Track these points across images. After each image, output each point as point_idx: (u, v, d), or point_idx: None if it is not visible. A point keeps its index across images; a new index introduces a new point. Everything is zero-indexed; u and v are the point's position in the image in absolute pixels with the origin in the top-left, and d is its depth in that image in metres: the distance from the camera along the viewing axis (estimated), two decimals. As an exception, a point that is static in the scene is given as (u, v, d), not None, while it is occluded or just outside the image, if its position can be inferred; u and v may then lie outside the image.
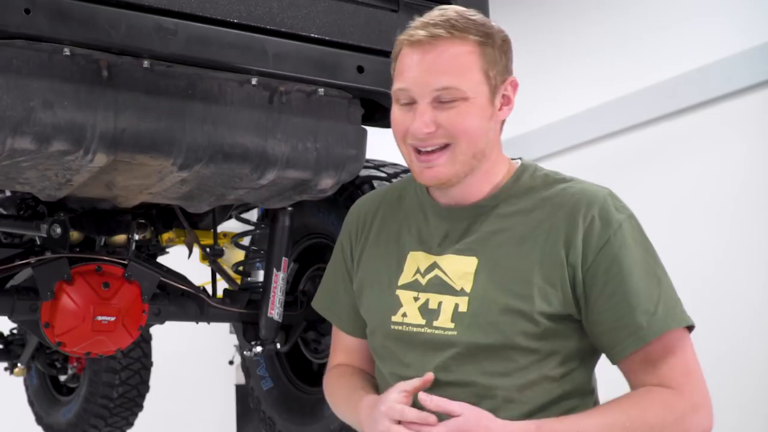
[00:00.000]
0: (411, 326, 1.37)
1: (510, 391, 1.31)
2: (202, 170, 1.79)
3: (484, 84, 1.32)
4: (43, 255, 2.07)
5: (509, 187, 1.40)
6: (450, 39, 1.30)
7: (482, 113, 1.33)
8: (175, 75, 1.71)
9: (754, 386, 3.40)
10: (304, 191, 1.99)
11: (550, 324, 1.31)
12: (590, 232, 1.31)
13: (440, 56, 1.30)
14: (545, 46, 4.51)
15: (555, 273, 1.31)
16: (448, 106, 1.30)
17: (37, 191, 1.87)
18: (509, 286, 1.32)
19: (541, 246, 1.33)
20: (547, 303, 1.31)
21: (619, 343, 1.31)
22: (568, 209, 1.33)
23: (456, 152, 1.32)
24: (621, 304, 1.29)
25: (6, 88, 1.55)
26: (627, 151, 4.06)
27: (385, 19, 1.88)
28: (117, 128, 1.65)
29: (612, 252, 1.30)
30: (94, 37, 1.60)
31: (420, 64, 1.31)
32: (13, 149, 1.60)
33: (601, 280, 1.30)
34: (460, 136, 1.31)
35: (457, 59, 1.30)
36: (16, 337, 3.23)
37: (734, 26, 3.63)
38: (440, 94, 1.30)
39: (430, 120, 1.30)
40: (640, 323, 1.29)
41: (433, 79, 1.30)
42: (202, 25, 1.70)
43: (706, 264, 3.63)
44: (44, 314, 2.06)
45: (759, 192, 3.47)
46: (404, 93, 1.34)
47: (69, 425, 3.40)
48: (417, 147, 1.34)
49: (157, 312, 2.22)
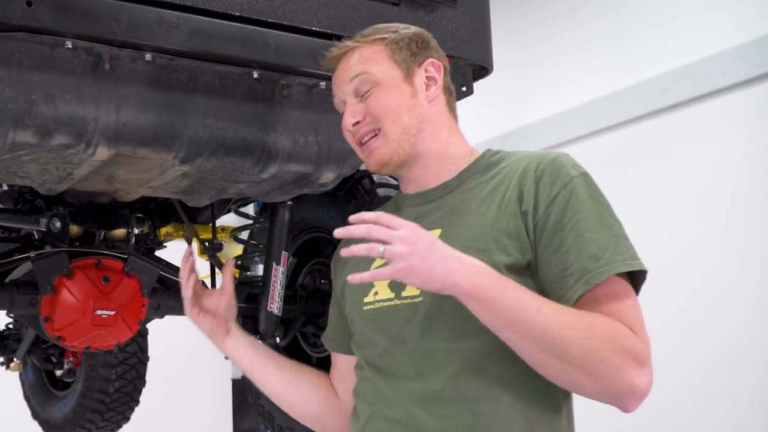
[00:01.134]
0: (382, 302, 1.43)
1: (478, 350, 1.33)
2: (203, 164, 1.79)
3: (394, 69, 1.47)
4: (42, 249, 2.06)
5: (472, 166, 1.49)
6: (358, 46, 1.50)
7: (399, 92, 1.46)
8: (176, 68, 1.70)
9: (752, 383, 3.42)
10: (305, 185, 1.98)
11: (511, 275, 1.30)
12: (542, 183, 1.35)
13: (350, 58, 1.50)
14: (540, 40, 4.52)
15: (510, 224, 1.35)
16: (367, 96, 1.46)
17: (38, 185, 1.86)
18: (467, 242, 1.34)
19: (498, 203, 1.38)
20: (505, 253, 1.33)
21: (568, 289, 1.30)
22: (524, 167, 1.40)
23: (386, 132, 1.45)
24: (570, 252, 1.30)
25: (8, 81, 1.53)
26: (622, 146, 4.07)
27: (386, 12, 1.88)
28: (119, 122, 1.64)
29: (563, 203, 1.33)
30: (96, 29, 1.59)
31: (338, 71, 1.52)
32: (14, 143, 1.59)
33: (551, 229, 1.32)
34: (382, 116, 1.45)
35: (363, 55, 1.49)
36: (12, 332, 3.22)
37: (729, 20, 3.64)
38: (356, 84, 1.47)
39: (357, 111, 1.47)
40: (587, 267, 1.29)
41: (346, 74, 1.49)
42: (204, 18, 1.68)
43: (701, 258, 3.65)
44: (44, 308, 2.06)
45: (755, 186, 3.48)
46: (337, 100, 1.54)
47: (65, 420, 3.39)
48: (357, 140, 1.49)
49: (156, 306, 2.22)
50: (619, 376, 1.24)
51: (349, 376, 1.57)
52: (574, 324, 1.24)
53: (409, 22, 1.89)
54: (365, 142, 1.48)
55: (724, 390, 3.46)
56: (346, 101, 1.50)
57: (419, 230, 1.27)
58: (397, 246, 1.24)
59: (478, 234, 1.36)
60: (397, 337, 1.39)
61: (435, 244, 1.26)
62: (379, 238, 1.26)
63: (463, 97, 1.98)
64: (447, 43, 1.95)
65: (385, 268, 1.26)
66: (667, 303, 3.72)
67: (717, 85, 3.59)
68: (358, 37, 1.52)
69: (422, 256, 1.24)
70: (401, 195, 1.58)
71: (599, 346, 1.23)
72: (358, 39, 1.51)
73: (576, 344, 1.23)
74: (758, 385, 3.39)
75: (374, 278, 1.31)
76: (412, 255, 1.24)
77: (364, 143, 1.49)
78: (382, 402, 1.40)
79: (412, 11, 1.91)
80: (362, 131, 1.48)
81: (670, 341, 3.71)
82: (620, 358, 1.24)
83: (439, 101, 1.51)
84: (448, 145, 1.50)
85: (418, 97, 1.47)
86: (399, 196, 1.59)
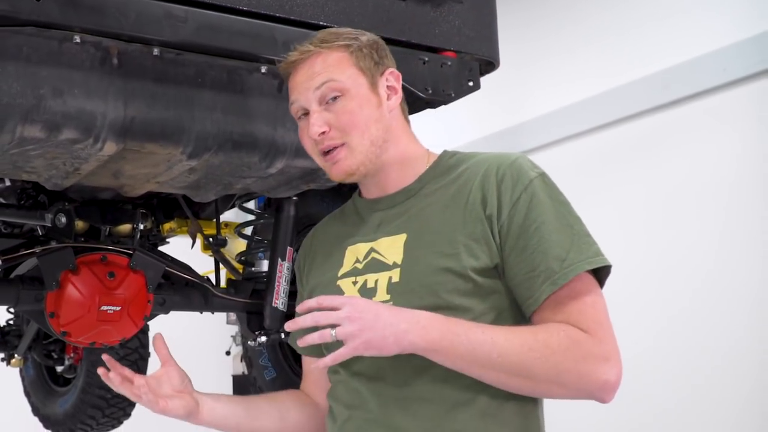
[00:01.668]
0: None
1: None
2: (210, 159, 1.79)
3: (360, 76, 1.45)
4: (48, 244, 2.06)
5: (432, 169, 1.51)
6: (319, 51, 1.46)
7: (367, 102, 1.45)
8: (184, 63, 1.70)
9: (752, 383, 3.42)
10: (312, 180, 1.99)
11: (480, 279, 1.36)
12: (503, 187, 1.39)
13: (314, 64, 1.46)
14: (540, 36, 4.52)
15: (477, 228, 1.38)
16: (333, 104, 1.43)
17: (44, 180, 1.86)
18: (437, 248, 1.39)
19: (462, 207, 1.41)
20: (474, 258, 1.37)
21: (534, 291, 1.35)
22: (484, 171, 1.42)
23: (352, 145, 1.43)
24: (534, 255, 1.34)
25: (16, 75, 1.53)
26: (621, 142, 4.07)
27: (393, 7, 1.88)
28: (127, 116, 1.64)
29: (524, 206, 1.37)
30: (104, 24, 1.58)
31: (300, 76, 1.47)
32: (22, 137, 1.59)
33: (515, 232, 1.36)
34: (351, 130, 1.43)
35: (328, 61, 1.45)
36: (12, 328, 3.21)
37: (729, 17, 3.64)
38: (322, 92, 1.44)
39: (323, 121, 1.43)
40: (553, 268, 1.33)
41: (312, 81, 1.44)
42: (212, 12, 1.68)
43: (699, 255, 3.65)
44: (49, 304, 2.05)
45: (754, 183, 3.49)
46: (296, 106, 1.49)
47: (66, 416, 3.39)
48: (321, 150, 1.46)
49: (162, 302, 2.22)
50: (586, 379, 1.30)
51: (322, 380, 1.59)
52: (531, 344, 1.30)
53: (416, 17, 1.90)
54: (329, 152, 1.47)
55: (725, 390, 3.46)
56: (308, 108, 1.47)
57: (360, 303, 1.31)
58: (346, 326, 1.29)
59: (447, 239, 1.39)
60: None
61: (379, 312, 1.30)
62: (328, 323, 1.30)
63: (470, 92, 1.98)
64: (454, 38, 1.95)
65: (342, 349, 1.30)
66: (668, 301, 3.74)
67: (717, 82, 3.59)
68: (317, 42, 1.48)
69: (372, 328, 1.28)
70: (360, 200, 1.58)
71: (560, 359, 1.29)
72: (320, 44, 1.47)
73: (538, 364, 1.30)
74: (758, 385, 3.40)
75: (335, 361, 1.33)
76: (363, 331, 1.28)
77: (327, 153, 1.47)
78: (360, 404, 1.42)
79: (419, 6, 1.91)
80: (327, 143, 1.45)
81: (671, 341, 3.72)
82: (582, 363, 1.30)
83: (397, 109, 1.52)
84: (407, 150, 1.52)
85: (382, 107, 1.48)
86: (358, 201, 1.59)
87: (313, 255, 1.62)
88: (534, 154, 4.52)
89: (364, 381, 1.42)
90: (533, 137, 4.49)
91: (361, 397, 1.42)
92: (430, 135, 2.00)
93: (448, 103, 1.98)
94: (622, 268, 3.91)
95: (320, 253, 1.60)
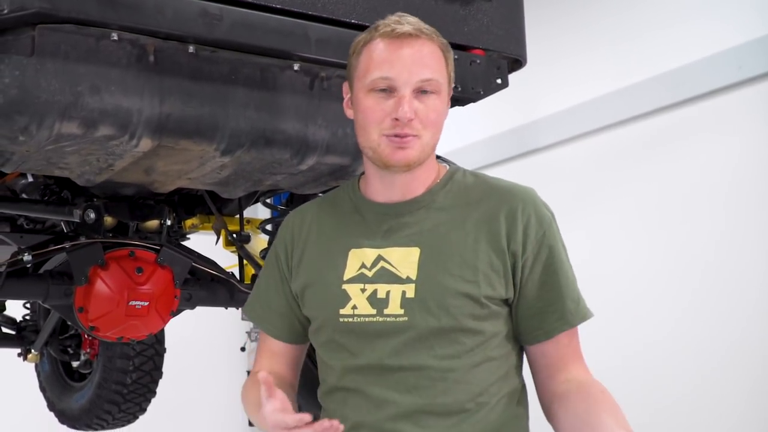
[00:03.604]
0: (362, 317, 1.43)
1: (460, 373, 1.40)
2: (243, 155, 1.80)
3: (447, 83, 1.46)
4: (77, 240, 2.07)
5: (444, 183, 1.51)
6: (425, 38, 1.43)
7: (445, 108, 1.47)
8: (218, 60, 1.71)
9: (752, 383, 3.44)
10: (341, 177, 1.99)
11: (493, 306, 1.43)
12: (529, 226, 1.45)
13: (422, 50, 1.42)
14: (554, 35, 4.52)
15: (498, 261, 1.43)
16: (424, 97, 1.42)
17: (76, 176, 1.87)
18: (457, 272, 1.42)
19: (485, 236, 1.44)
20: (491, 288, 1.42)
21: (547, 325, 1.45)
22: (510, 206, 1.46)
23: (425, 140, 1.43)
24: (552, 291, 1.45)
25: (54, 72, 1.55)
26: (636, 140, 4.07)
27: (423, 5, 1.89)
28: (162, 113, 1.65)
29: (546, 244, 1.46)
30: (141, 21, 1.60)
31: (405, 56, 1.41)
32: (60, 134, 1.60)
33: (537, 268, 1.44)
34: (430, 127, 1.43)
35: (434, 55, 1.43)
36: (29, 323, 3.22)
37: (745, 14, 3.65)
38: (423, 85, 1.41)
39: (414, 109, 1.41)
40: (569, 308, 1.45)
41: (419, 70, 1.41)
42: (246, 10, 1.70)
43: (713, 253, 3.66)
44: (78, 299, 2.07)
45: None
46: (386, 81, 1.42)
47: (82, 411, 3.39)
48: (397, 133, 1.42)
49: (188, 297, 2.23)
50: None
51: (296, 360, 1.58)
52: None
53: (446, 15, 1.91)
54: (403, 136, 1.43)
55: (725, 389, 3.48)
56: (400, 90, 1.40)
57: None
58: None
59: (468, 265, 1.42)
60: (381, 352, 1.41)
61: None
62: None
63: (499, 90, 2.00)
64: (482, 36, 1.97)
65: None
66: (675, 300, 3.76)
67: (733, 79, 3.60)
68: (419, 26, 1.43)
69: None
70: (362, 198, 1.52)
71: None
72: (421, 31, 1.43)
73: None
74: (759, 384, 3.42)
75: None
76: None
77: (400, 136, 1.43)
78: (366, 412, 1.42)
79: (449, 4, 1.93)
80: (407, 130, 1.41)
81: (671, 341, 3.74)
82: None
83: None
84: (433, 160, 1.53)
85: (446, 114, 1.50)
86: (358, 198, 1.53)
87: (304, 243, 1.54)
88: (546, 151, 4.53)
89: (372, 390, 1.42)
90: (546, 135, 4.51)
91: (367, 406, 1.43)
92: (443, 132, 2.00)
93: (477, 101, 1.99)
94: (631, 267, 3.94)
95: (314, 245, 1.53)
